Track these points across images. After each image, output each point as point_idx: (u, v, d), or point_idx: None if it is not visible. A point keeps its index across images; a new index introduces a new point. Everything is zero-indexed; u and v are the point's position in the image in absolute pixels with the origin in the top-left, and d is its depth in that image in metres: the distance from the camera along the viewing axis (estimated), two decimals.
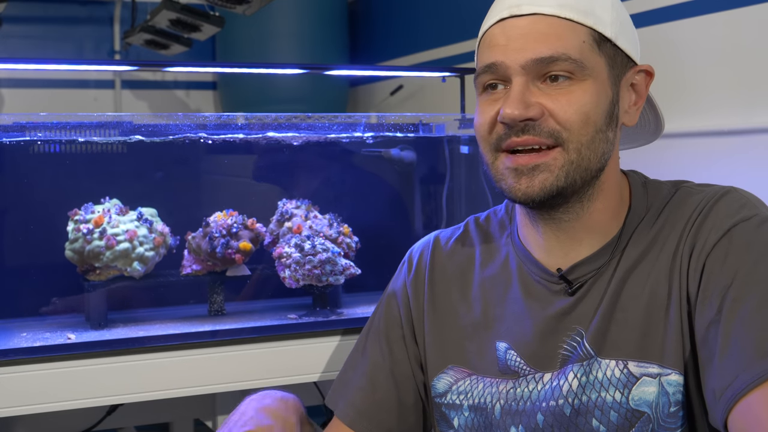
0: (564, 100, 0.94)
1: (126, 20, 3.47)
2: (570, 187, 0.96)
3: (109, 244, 1.41)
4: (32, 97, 3.47)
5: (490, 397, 1.04)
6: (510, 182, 0.97)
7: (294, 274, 1.48)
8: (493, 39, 0.97)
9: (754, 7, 1.62)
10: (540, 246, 1.04)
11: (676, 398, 0.94)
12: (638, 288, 0.98)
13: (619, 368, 0.96)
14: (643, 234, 1.01)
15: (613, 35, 0.97)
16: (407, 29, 3.25)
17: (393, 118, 1.76)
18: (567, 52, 0.93)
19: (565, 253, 1.02)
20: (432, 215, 1.84)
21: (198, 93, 3.82)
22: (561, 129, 0.94)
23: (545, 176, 0.95)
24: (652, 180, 1.07)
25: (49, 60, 2.62)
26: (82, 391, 1.31)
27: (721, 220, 0.94)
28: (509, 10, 0.96)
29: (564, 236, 1.02)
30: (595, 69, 0.95)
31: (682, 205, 1.00)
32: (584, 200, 0.99)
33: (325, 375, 1.45)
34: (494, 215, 1.17)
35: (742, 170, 1.64)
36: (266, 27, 3.22)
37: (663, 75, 1.87)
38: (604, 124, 0.96)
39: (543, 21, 0.94)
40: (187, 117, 1.56)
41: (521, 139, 0.94)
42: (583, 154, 0.95)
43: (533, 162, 0.95)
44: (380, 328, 1.17)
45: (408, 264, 1.19)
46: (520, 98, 0.93)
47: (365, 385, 1.14)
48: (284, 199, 1.63)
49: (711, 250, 0.93)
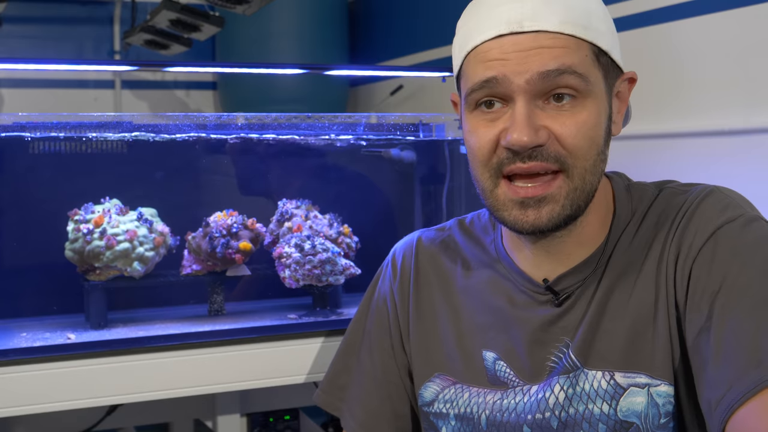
0: (571, 123, 0.90)
1: (126, 20, 3.46)
2: (575, 213, 0.94)
3: (109, 244, 1.41)
4: (32, 97, 3.47)
5: (476, 407, 1.02)
6: (515, 214, 0.93)
7: (294, 274, 1.48)
8: (489, 54, 0.91)
9: (754, 7, 1.62)
10: (528, 259, 1.02)
11: (666, 409, 0.92)
12: (624, 296, 0.96)
13: (605, 379, 0.94)
14: (627, 240, 0.98)
15: (609, 47, 0.94)
16: (407, 29, 3.25)
17: (393, 118, 1.76)
18: (573, 67, 0.89)
19: (554, 266, 1.00)
20: (432, 215, 1.84)
21: (198, 93, 3.82)
22: (567, 154, 0.90)
23: (552, 207, 0.92)
24: (636, 183, 1.04)
25: (49, 60, 2.62)
26: (82, 391, 1.31)
27: (705, 223, 0.92)
28: (508, 26, 0.90)
29: (554, 251, 0.99)
30: (596, 84, 0.92)
31: (666, 208, 0.98)
32: (579, 217, 0.96)
33: None
34: (478, 219, 1.14)
35: (742, 170, 1.63)
36: (266, 27, 3.22)
37: (663, 75, 1.88)
38: (603, 143, 0.94)
39: (546, 37, 0.90)
40: (187, 117, 1.56)
41: (527, 165, 0.90)
42: (587, 180, 0.92)
43: (539, 194, 0.91)
44: (372, 335, 1.16)
45: (392, 267, 1.16)
46: (527, 122, 0.89)
47: (362, 396, 1.13)
48: (284, 199, 1.63)
49: (697, 255, 0.91)
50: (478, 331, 1.05)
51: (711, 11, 1.72)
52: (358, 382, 1.15)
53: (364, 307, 1.19)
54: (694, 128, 1.76)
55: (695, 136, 1.76)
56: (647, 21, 1.88)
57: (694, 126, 1.77)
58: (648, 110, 1.85)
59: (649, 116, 1.85)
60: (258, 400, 1.80)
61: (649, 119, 1.86)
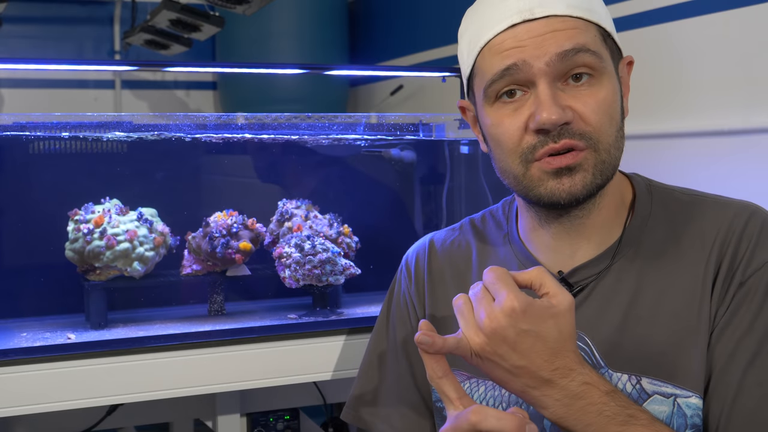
0: (591, 101, 0.93)
1: (126, 20, 3.47)
2: (605, 183, 0.96)
3: (109, 244, 1.41)
4: (32, 97, 3.47)
5: (492, 401, 1.03)
6: (552, 185, 0.94)
7: (294, 274, 1.48)
8: (505, 44, 0.94)
9: (754, 7, 1.62)
10: (547, 246, 1.03)
11: (693, 421, 0.92)
12: (655, 304, 0.96)
13: (631, 383, 0.94)
14: (652, 243, 0.99)
15: (611, 29, 0.98)
16: (407, 29, 3.25)
17: (393, 118, 1.76)
18: (587, 44, 0.93)
19: (572, 252, 1.01)
20: (432, 215, 1.84)
21: (198, 93, 3.82)
22: (591, 131, 0.93)
23: (584, 175, 0.94)
24: (657, 184, 1.06)
25: (49, 60, 2.62)
26: (82, 391, 1.31)
27: (761, 248, 0.94)
28: (520, 15, 0.93)
29: (575, 233, 1.00)
30: (608, 63, 0.95)
31: (701, 219, 0.98)
32: (596, 196, 0.98)
33: (325, 375, 1.45)
34: (490, 216, 1.15)
35: (742, 170, 1.64)
36: (266, 27, 3.22)
37: (663, 75, 1.88)
38: (621, 120, 0.97)
39: (558, 21, 0.93)
40: (187, 117, 1.56)
41: (559, 144, 0.92)
42: (612, 154, 0.95)
43: (572, 162, 0.93)
44: (397, 342, 1.16)
45: (407, 272, 1.17)
46: (554, 101, 0.91)
47: (397, 403, 1.13)
48: (284, 199, 1.63)
49: (749, 278, 0.93)
50: None
51: (711, 11, 1.72)
52: (390, 391, 1.14)
53: (383, 321, 1.19)
54: (694, 128, 1.77)
55: (695, 136, 1.76)
56: (647, 21, 1.88)
57: (694, 126, 1.77)
58: (648, 110, 1.85)
59: (649, 116, 1.85)
60: (258, 400, 1.79)
61: (649, 119, 1.86)
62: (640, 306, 0.96)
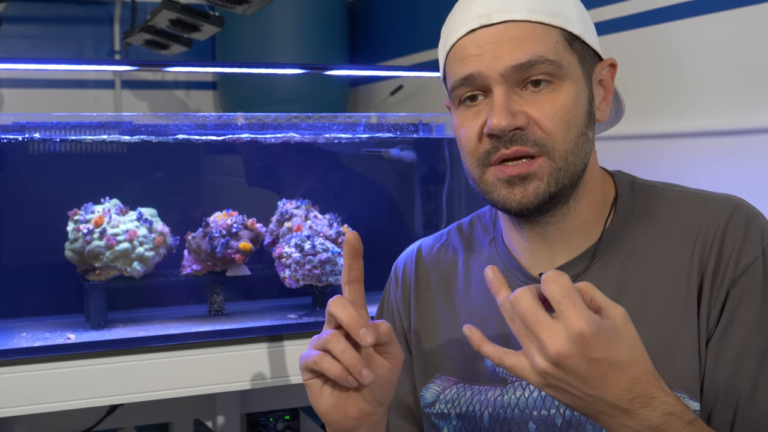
0: (548, 107, 0.92)
1: (126, 20, 3.46)
2: (560, 191, 0.95)
3: (109, 244, 1.41)
4: (32, 97, 3.47)
5: (478, 405, 1.02)
6: (503, 193, 0.95)
7: (294, 274, 1.48)
8: (465, 50, 0.94)
9: (754, 7, 1.62)
10: (525, 249, 1.03)
11: None
12: (639, 302, 0.95)
13: None
14: (634, 241, 0.98)
15: (581, 32, 0.96)
16: (407, 29, 3.25)
17: (393, 118, 1.76)
18: (543, 55, 0.92)
19: (551, 255, 1.00)
20: (432, 215, 1.84)
21: (198, 93, 3.82)
22: (545, 137, 0.92)
23: (537, 184, 0.93)
24: (641, 181, 1.05)
25: (49, 60, 2.62)
26: (82, 391, 1.31)
27: (750, 242, 0.92)
28: (478, 20, 0.93)
29: (550, 238, 0.99)
30: (571, 68, 0.94)
31: (683, 214, 0.97)
32: (570, 201, 0.97)
33: None
34: (478, 219, 1.15)
35: (742, 170, 1.63)
36: (266, 27, 3.22)
37: (663, 75, 1.88)
38: (584, 126, 0.95)
39: (515, 27, 0.92)
40: (187, 117, 1.56)
41: (510, 150, 0.92)
42: (570, 161, 0.94)
43: (524, 171, 0.93)
44: None
45: (395, 279, 1.17)
46: (505, 108, 0.91)
47: (389, 414, 1.11)
48: (284, 199, 1.63)
49: (742, 275, 0.91)
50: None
51: (711, 11, 1.72)
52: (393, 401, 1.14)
53: None
54: (693, 128, 1.76)
55: (695, 136, 1.76)
56: (647, 21, 1.88)
57: (694, 126, 1.76)
58: (648, 110, 1.85)
59: (649, 116, 1.85)
60: (258, 400, 1.80)
61: (648, 119, 1.86)
62: (623, 304, 0.95)
